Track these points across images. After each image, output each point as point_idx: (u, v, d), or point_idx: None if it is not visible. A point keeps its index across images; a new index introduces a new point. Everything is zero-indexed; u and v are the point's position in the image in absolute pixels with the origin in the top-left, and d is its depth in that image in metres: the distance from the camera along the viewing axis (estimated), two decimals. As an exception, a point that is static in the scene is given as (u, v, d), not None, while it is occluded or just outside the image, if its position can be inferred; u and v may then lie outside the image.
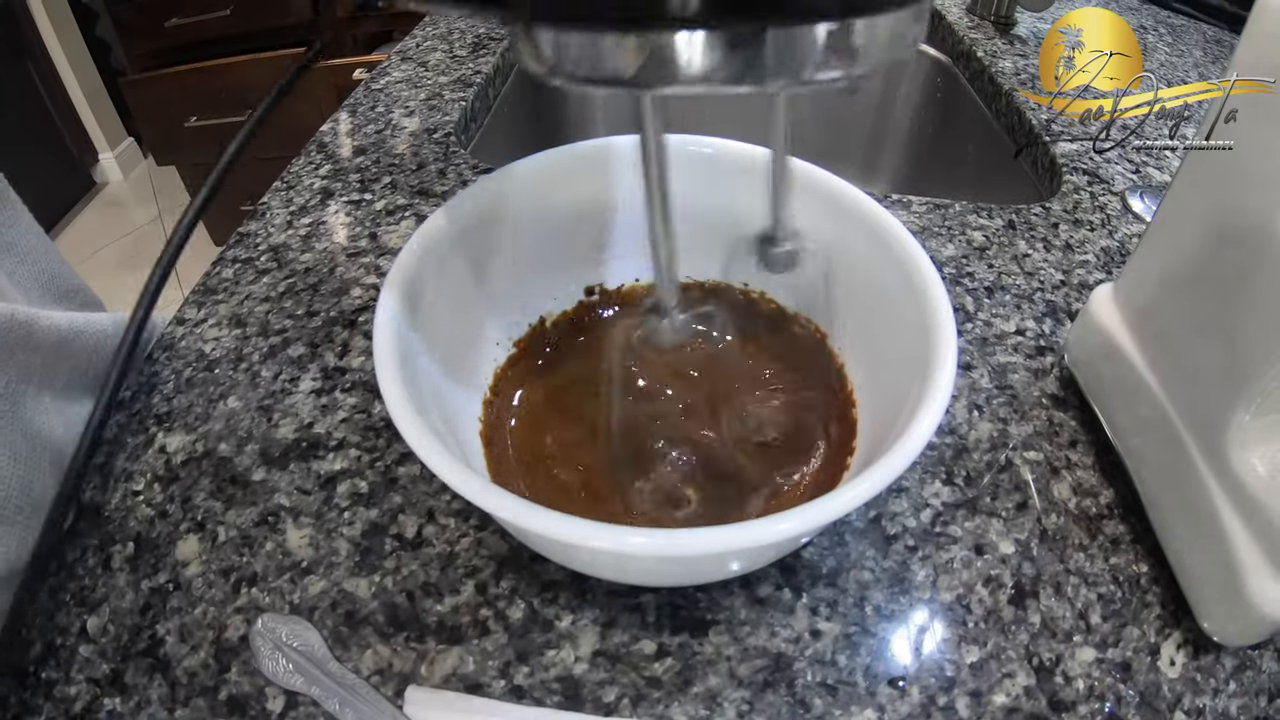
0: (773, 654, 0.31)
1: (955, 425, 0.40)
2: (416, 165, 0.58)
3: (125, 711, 0.30)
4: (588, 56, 0.19)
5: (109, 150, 2.45)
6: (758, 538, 0.24)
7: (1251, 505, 0.29)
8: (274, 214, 0.54)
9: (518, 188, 0.37)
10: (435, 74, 0.72)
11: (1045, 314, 0.46)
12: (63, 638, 0.32)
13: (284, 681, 0.30)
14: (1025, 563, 0.34)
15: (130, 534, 0.36)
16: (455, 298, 0.35)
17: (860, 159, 0.89)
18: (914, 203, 0.55)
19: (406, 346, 0.30)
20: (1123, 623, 0.32)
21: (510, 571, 0.34)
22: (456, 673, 0.31)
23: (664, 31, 0.17)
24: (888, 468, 0.25)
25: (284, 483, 0.37)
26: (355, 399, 0.41)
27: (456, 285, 0.35)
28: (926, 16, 0.20)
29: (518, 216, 0.37)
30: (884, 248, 0.34)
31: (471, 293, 0.37)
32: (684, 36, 0.17)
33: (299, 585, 0.33)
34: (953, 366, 0.28)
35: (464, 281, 0.36)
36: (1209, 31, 0.83)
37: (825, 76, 0.18)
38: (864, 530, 0.35)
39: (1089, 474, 0.38)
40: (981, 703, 0.30)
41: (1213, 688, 0.31)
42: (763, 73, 0.18)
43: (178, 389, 0.42)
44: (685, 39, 0.17)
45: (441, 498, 0.36)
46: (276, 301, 0.47)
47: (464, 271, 0.36)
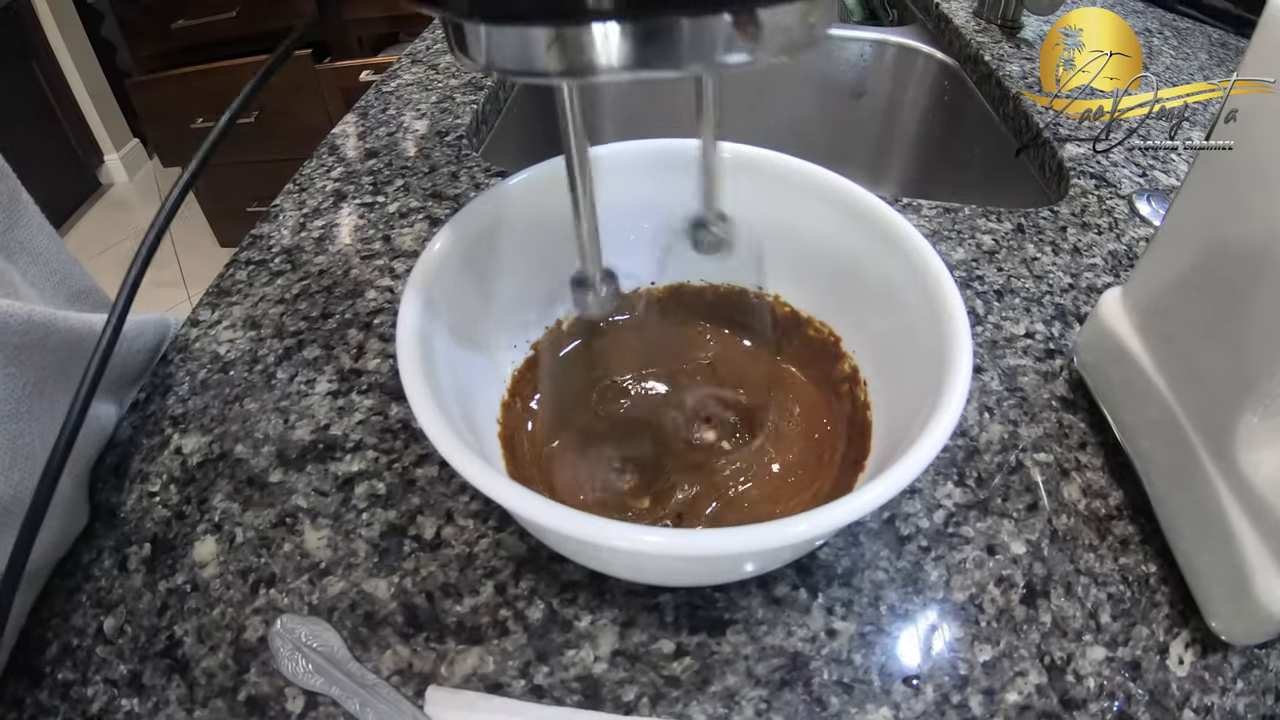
0: (789, 653, 0.31)
1: (967, 427, 0.40)
2: (429, 168, 0.59)
3: (143, 712, 0.30)
4: (518, 51, 0.20)
5: (114, 151, 2.46)
6: (774, 539, 0.25)
7: (1259, 506, 0.29)
8: (286, 216, 0.55)
9: (533, 191, 0.37)
10: (446, 77, 0.72)
11: (1054, 317, 0.46)
12: (79, 639, 0.32)
13: (304, 682, 0.30)
14: (1036, 563, 0.35)
15: (147, 535, 0.36)
16: (475, 301, 0.35)
17: (868, 162, 0.89)
18: (924, 206, 0.55)
19: (428, 349, 0.30)
20: (1132, 622, 0.33)
21: (529, 572, 0.34)
22: (477, 673, 0.31)
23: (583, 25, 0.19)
24: (902, 472, 0.25)
25: (301, 484, 0.37)
26: (372, 401, 0.41)
27: (476, 288, 0.36)
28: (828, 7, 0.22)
29: (533, 220, 0.37)
30: (898, 252, 0.34)
31: (490, 296, 0.37)
32: (600, 29, 0.19)
33: (318, 586, 0.34)
34: (968, 372, 0.28)
35: (483, 284, 0.36)
36: (1214, 34, 0.83)
37: (734, 60, 0.20)
38: (878, 531, 0.35)
39: (1098, 475, 0.38)
40: (994, 700, 0.30)
41: (1221, 686, 0.31)
42: (677, 59, 0.20)
43: (193, 391, 0.42)
44: (602, 31, 0.19)
45: (460, 499, 0.36)
46: (291, 303, 0.47)
47: (483, 274, 0.36)
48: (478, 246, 0.35)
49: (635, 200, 0.38)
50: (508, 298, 0.38)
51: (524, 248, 0.37)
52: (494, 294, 0.37)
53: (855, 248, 0.36)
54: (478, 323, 0.36)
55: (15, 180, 0.41)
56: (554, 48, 0.20)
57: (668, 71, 0.20)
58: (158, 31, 1.75)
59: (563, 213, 0.39)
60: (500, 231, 0.36)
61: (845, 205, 0.36)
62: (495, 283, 0.37)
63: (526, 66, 0.20)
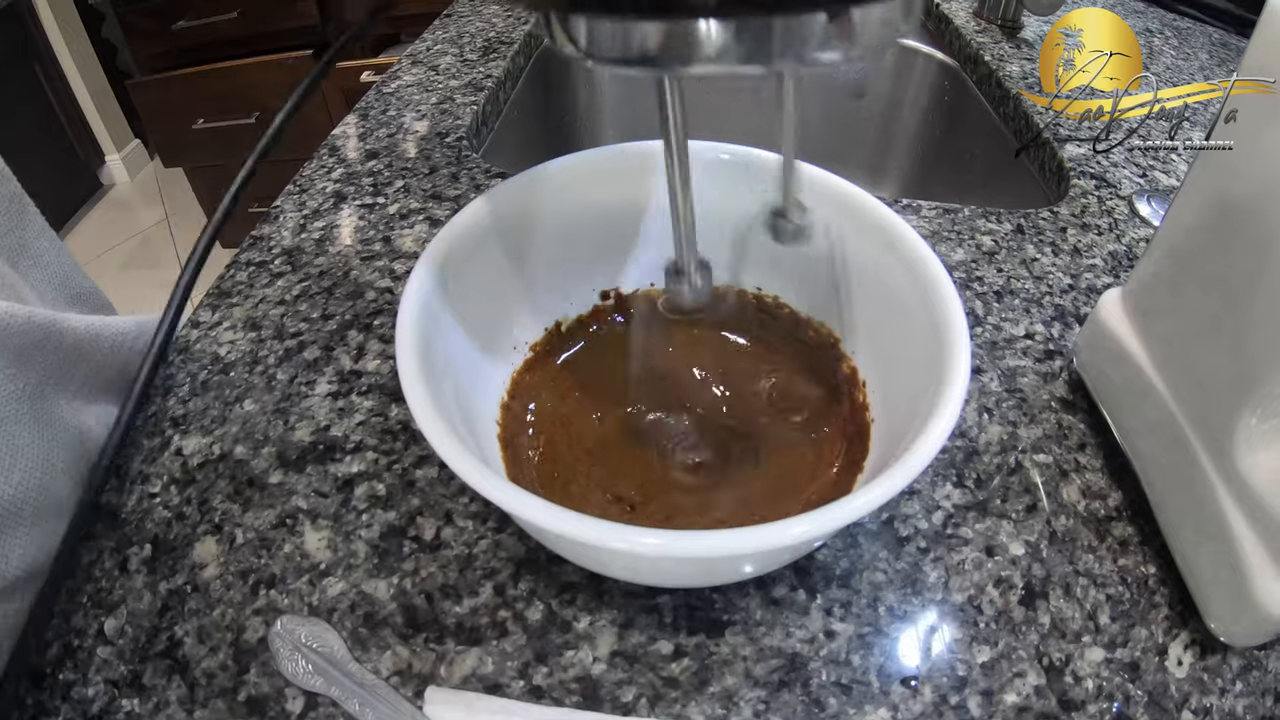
0: (788, 654, 0.32)
1: (966, 428, 0.40)
2: (429, 169, 0.59)
3: (144, 712, 0.30)
4: (618, 41, 0.21)
5: (115, 152, 2.46)
6: (772, 540, 0.25)
7: (1258, 507, 0.29)
8: (287, 217, 0.55)
9: (536, 193, 0.37)
10: (446, 78, 0.72)
11: (1054, 318, 0.46)
12: (80, 639, 0.32)
13: (303, 682, 0.30)
14: (1035, 564, 0.35)
15: (147, 536, 0.36)
16: (473, 303, 0.35)
17: (868, 162, 0.89)
18: (924, 207, 0.55)
19: (428, 350, 0.30)
20: (1131, 623, 0.33)
21: (528, 573, 0.34)
22: (476, 673, 0.31)
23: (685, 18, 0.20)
24: (900, 474, 0.25)
25: (301, 485, 0.37)
26: (372, 402, 0.41)
27: (475, 291, 0.36)
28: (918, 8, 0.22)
29: (535, 220, 0.37)
30: (896, 253, 0.34)
31: (489, 298, 0.37)
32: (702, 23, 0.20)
33: (318, 587, 0.34)
34: (966, 374, 0.28)
35: (482, 287, 0.36)
36: (1215, 35, 0.83)
37: (826, 57, 0.21)
38: (877, 532, 0.35)
39: (1097, 476, 0.38)
40: (993, 702, 0.30)
41: (1219, 687, 0.31)
42: (769, 54, 0.20)
43: (193, 392, 0.42)
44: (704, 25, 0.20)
45: (459, 500, 0.37)
46: (291, 305, 0.47)
47: (482, 277, 0.36)
48: (477, 250, 0.35)
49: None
50: (508, 300, 0.38)
51: (525, 250, 0.38)
52: (495, 296, 0.37)
53: (854, 250, 0.36)
54: (478, 325, 0.36)
55: (17, 184, 0.41)
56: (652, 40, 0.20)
57: (759, 67, 0.20)
58: (159, 32, 1.75)
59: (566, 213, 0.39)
60: (501, 234, 0.36)
61: (845, 208, 0.36)
62: (495, 285, 0.37)
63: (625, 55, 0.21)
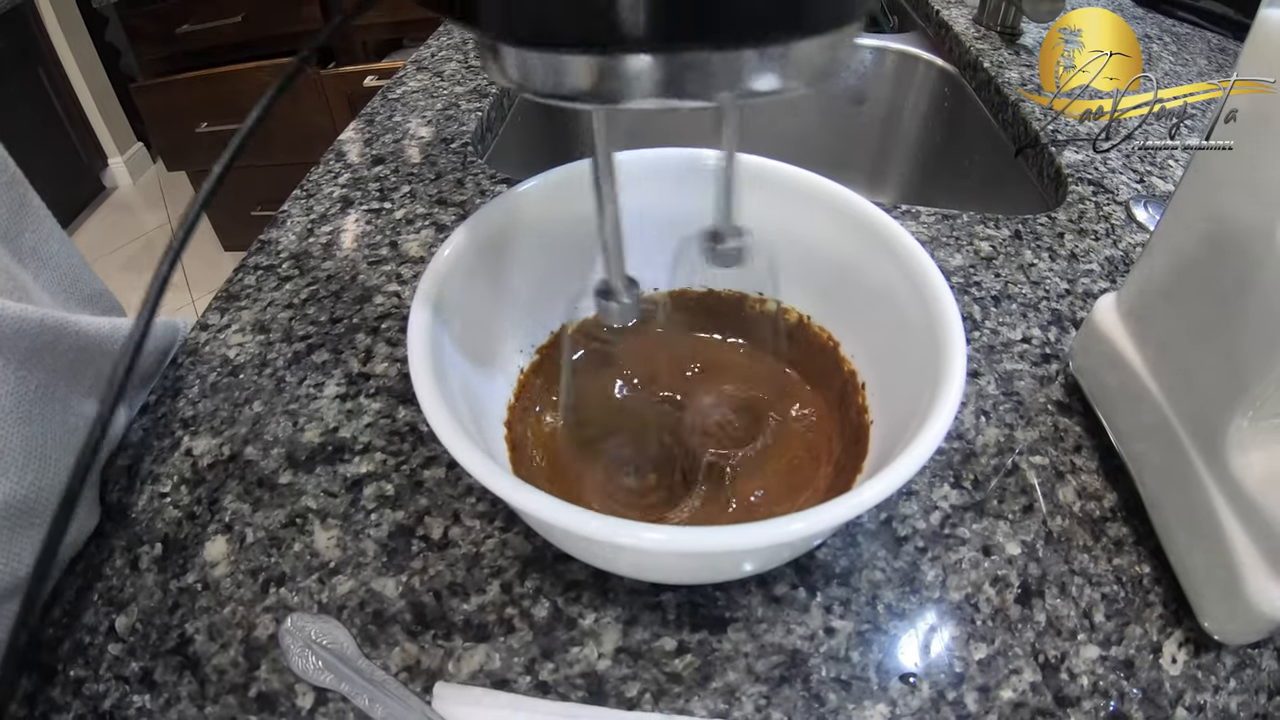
0: (789, 650, 0.32)
1: (963, 430, 0.41)
2: (435, 175, 0.59)
3: (155, 708, 0.31)
4: (550, 75, 0.20)
5: (118, 155, 2.47)
6: (772, 537, 0.25)
7: (1250, 507, 0.30)
8: (294, 222, 0.55)
9: (544, 198, 0.38)
10: (451, 84, 0.73)
11: (1051, 322, 0.47)
12: (91, 636, 0.33)
13: (313, 678, 0.31)
14: (1031, 563, 0.35)
15: (158, 535, 0.36)
16: (483, 305, 0.36)
17: (868, 168, 0.89)
18: (922, 213, 0.56)
19: (438, 351, 0.31)
20: (1126, 621, 0.33)
21: (534, 571, 0.34)
22: (483, 669, 0.31)
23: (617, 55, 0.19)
24: (897, 473, 0.26)
25: (311, 485, 0.38)
26: (380, 404, 0.42)
27: (484, 293, 0.36)
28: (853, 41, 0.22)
29: (541, 227, 0.38)
30: (894, 259, 0.35)
31: (498, 301, 0.38)
32: (634, 59, 0.19)
33: (327, 585, 0.34)
34: (962, 376, 0.29)
35: (491, 289, 0.37)
36: (1213, 40, 0.83)
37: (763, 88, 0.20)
38: (875, 532, 0.36)
39: (1093, 478, 0.39)
40: (989, 698, 0.31)
41: (1213, 685, 0.31)
42: (706, 90, 0.20)
43: (203, 393, 0.43)
44: (634, 60, 0.19)
45: (466, 500, 0.37)
46: (299, 308, 0.48)
47: (491, 279, 0.37)
48: (488, 251, 0.36)
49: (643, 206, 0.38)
50: (517, 302, 0.39)
51: (533, 253, 0.38)
52: (503, 298, 0.38)
53: (853, 254, 0.37)
54: (486, 327, 0.37)
55: (26, 185, 0.41)
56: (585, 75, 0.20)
57: (696, 101, 0.20)
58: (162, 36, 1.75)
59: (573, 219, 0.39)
60: (510, 237, 0.37)
61: (843, 213, 0.37)
62: (504, 287, 0.38)
63: (557, 90, 0.21)
